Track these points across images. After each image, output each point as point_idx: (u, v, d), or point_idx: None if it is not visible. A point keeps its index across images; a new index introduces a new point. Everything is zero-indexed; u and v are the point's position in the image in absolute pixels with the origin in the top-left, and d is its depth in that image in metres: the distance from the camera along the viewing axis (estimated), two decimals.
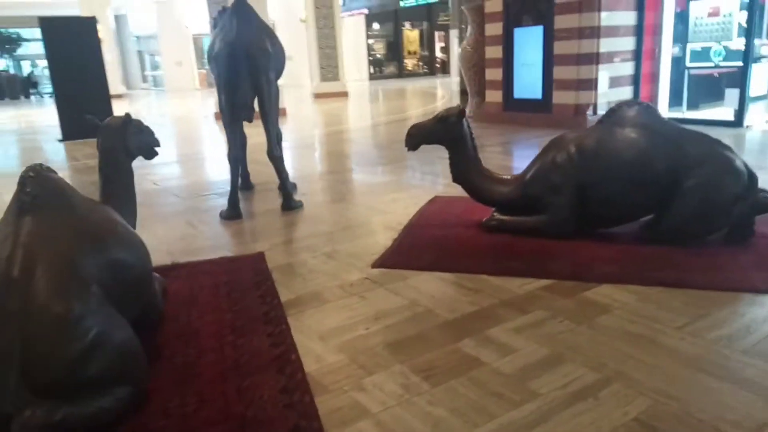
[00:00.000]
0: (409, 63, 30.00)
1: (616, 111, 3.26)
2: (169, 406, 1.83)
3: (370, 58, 29.15)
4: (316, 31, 17.45)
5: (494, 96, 9.02)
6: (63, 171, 6.24)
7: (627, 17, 7.79)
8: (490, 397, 1.84)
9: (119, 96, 20.34)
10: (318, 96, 17.20)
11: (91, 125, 2.68)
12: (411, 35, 29.91)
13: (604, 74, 7.73)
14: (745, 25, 6.96)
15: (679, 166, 3.01)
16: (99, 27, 9.07)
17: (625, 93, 8.05)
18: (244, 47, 3.93)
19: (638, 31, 7.88)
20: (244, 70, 3.93)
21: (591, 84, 7.72)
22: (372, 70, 29.06)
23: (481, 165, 3.56)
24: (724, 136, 6.41)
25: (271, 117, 4.08)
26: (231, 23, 4.14)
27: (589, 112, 7.76)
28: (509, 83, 8.71)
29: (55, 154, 8.39)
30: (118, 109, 11.83)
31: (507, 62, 8.65)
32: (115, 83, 19.79)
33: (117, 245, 1.99)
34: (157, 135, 2.88)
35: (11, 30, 29.68)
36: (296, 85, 22.09)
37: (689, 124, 7.50)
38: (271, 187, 4.91)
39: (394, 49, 29.78)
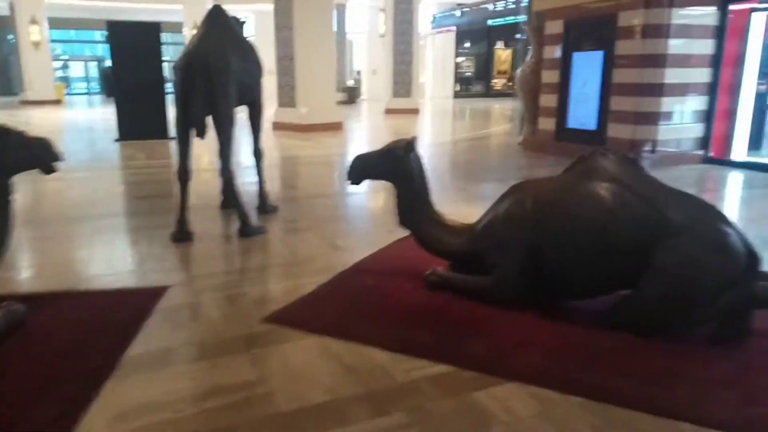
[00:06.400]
0: (498, 82, 29.13)
1: (586, 159, 2.62)
2: None
3: (458, 75, 28.63)
4: (393, 47, 17.26)
5: (547, 123, 8.27)
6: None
7: (702, 45, 6.82)
8: None
9: None
10: (389, 111, 17.00)
11: None
12: (503, 54, 29.05)
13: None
14: None
15: (654, 235, 2.33)
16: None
17: (695, 130, 7.06)
18: (202, 59, 3.63)
19: (715, 61, 6.88)
20: (200, 84, 3.62)
21: (652, 118, 6.82)
22: (458, 88, 28.51)
23: (431, 208, 3.02)
24: None
25: (225, 134, 3.74)
26: (198, 33, 3.87)
27: (647, 148, 6.84)
28: (563, 111, 7.94)
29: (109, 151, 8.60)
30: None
31: (563, 89, 7.90)
32: None
33: None
34: None
35: None
36: (377, 99, 21.95)
37: (765, 171, 6.48)
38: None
39: (484, 67, 29.08)
